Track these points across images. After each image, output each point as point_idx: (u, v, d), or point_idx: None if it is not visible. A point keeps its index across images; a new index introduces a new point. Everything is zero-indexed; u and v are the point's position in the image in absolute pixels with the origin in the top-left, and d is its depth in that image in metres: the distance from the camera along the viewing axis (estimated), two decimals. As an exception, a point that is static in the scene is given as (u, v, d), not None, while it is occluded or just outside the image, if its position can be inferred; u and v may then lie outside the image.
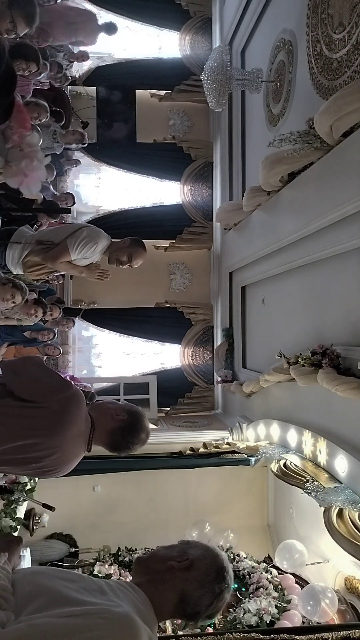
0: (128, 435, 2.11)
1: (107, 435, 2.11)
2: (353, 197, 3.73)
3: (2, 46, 2.40)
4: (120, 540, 6.46)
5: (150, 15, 8.52)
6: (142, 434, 2.13)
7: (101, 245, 3.64)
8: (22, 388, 2.01)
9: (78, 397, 2.06)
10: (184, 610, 1.51)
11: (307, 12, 4.86)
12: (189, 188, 8.56)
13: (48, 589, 1.38)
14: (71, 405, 2.03)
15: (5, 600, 1.33)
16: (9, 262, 3.79)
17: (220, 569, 1.53)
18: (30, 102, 4.77)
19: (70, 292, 8.34)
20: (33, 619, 1.27)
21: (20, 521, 4.90)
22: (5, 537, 1.77)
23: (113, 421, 2.11)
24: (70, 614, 1.27)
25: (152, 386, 8.03)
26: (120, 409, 2.15)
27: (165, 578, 1.51)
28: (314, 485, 4.27)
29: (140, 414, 2.16)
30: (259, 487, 7.08)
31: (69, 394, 2.03)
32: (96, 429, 2.11)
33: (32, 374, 2.05)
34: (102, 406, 2.20)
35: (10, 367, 2.07)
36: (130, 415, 2.13)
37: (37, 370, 2.07)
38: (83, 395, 2.12)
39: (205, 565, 1.52)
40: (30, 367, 2.08)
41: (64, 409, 2.01)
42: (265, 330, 6.31)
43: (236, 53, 7.25)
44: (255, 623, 5.09)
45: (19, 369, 2.06)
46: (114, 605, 1.35)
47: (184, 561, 1.52)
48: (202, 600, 1.49)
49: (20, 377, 2.03)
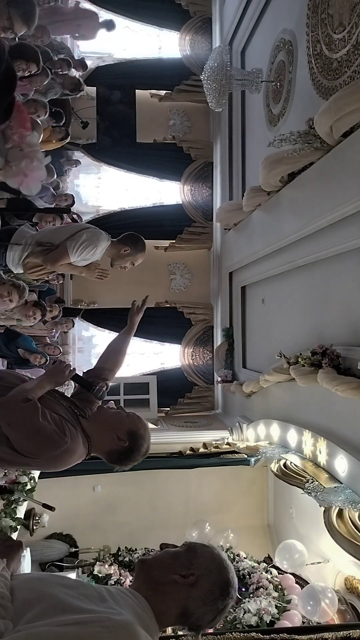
0: (124, 459, 2.14)
1: (104, 454, 2.16)
2: (353, 197, 3.73)
3: (2, 46, 2.40)
4: (120, 540, 6.46)
5: (150, 15, 8.53)
6: (138, 456, 2.14)
7: (101, 247, 3.62)
8: (15, 441, 1.99)
9: (70, 449, 2.04)
10: (186, 622, 1.48)
11: (307, 12, 4.86)
12: (189, 188, 8.56)
13: (47, 595, 1.34)
14: (63, 459, 2.05)
15: (4, 609, 1.30)
16: (9, 263, 3.79)
17: (225, 584, 1.48)
18: (29, 100, 4.78)
19: (70, 292, 8.34)
20: (32, 627, 1.23)
21: (20, 521, 4.88)
22: (5, 541, 1.73)
23: (113, 444, 2.11)
24: (70, 622, 1.24)
25: (152, 386, 8.04)
26: (124, 431, 2.11)
27: (167, 590, 1.47)
28: (314, 485, 4.27)
29: (142, 438, 2.12)
30: (259, 487, 7.09)
31: (60, 452, 2.02)
32: (93, 446, 2.14)
33: (24, 431, 1.99)
34: (106, 423, 2.16)
35: (5, 417, 2.00)
36: (132, 440, 2.10)
37: (30, 427, 1.99)
38: (78, 439, 2.08)
39: (210, 581, 1.47)
40: (23, 422, 1.99)
41: (54, 463, 2.07)
42: (265, 330, 6.31)
43: (236, 53, 7.25)
44: (255, 623, 5.09)
45: (13, 421, 1.99)
46: (114, 613, 1.31)
47: (189, 577, 1.46)
48: (204, 616, 1.46)
49: (14, 431, 1.99)
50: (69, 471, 2.19)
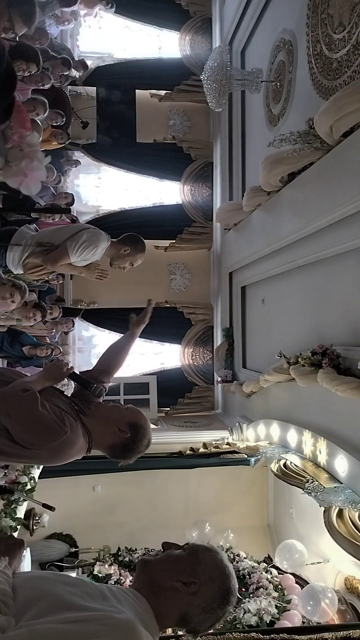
0: (128, 451, 2.12)
1: (107, 448, 2.14)
2: (353, 197, 3.73)
3: (2, 46, 2.40)
4: (120, 540, 6.46)
5: (150, 15, 8.53)
6: (142, 447, 2.13)
7: (101, 247, 3.62)
8: (14, 433, 1.98)
9: (70, 440, 2.03)
10: (185, 626, 1.49)
11: (307, 12, 4.86)
12: (189, 188, 8.56)
13: (49, 593, 1.35)
14: (63, 450, 2.03)
15: (6, 605, 1.30)
16: (10, 264, 3.79)
17: (226, 592, 1.48)
18: (28, 98, 4.78)
19: (70, 292, 8.34)
20: (34, 624, 1.24)
21: (20, 521, 4.88)
22: (6, 540, 1.73)
23: (115, 437, 2.10)
24: (71, 620, 1.25)
25: (152, 386, 8.04)
26: (125, 423, 2.10)
27: (168, 595, 1.47)
28: (314, 485, 4.28)
29: (143, 428, 2.12)
30: (259, 487, 7.09)
31: (60, 442, 1.99)
32: (94, 441, 2.12)
33: (24, 421, 1.98)
34: (105, 417, 2.15)
35: (4, 407, 1.99)
36: (133, 431, 2.10)
37: (29, 417, 1.98)
38: (78, 430, 2.07)
39: (212, 590, 1.46)
40: (23, 411, 1.98)
41: (55, 455, 2.04)
42: (265, 330, 6.31)
43: (236, 53, 7.25)
44: (255, 623, 5.09)
45: (13, 412, 1.98)
46: (116, 612, 1.32)
47: (191, 585, 1.46)
48: (204, 623, 1.47)
49: (14, 421, 1.97)
50: (69, 471, 2.20)
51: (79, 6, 6.88)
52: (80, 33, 8.55)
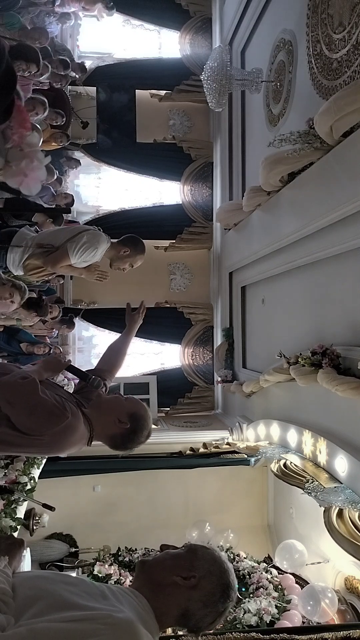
0: (128, 442, 2.13)
1: (107, 438, 2.14)
2: (353, 197, 3.73)
3: (2, 46, 2.40)
4: (120, 540, 6.46)
5: (151, 15, 8.53)
6: (142, 438, 2.13)
7: (101, 248, 3.63)
8: (16, 420, 1.98)
9: (72, 425, 2.03)
10: (186, 624, 1.49)
11: (307, 12, 4.86)
12: (189, 188, 8.56)
13: (49, 592, 1.35)
14: (65, 435, 2.03)
15: (5, 604, 1.31)
16: (10, 265, 3.80)
17: (226, 586, 1.48)
18: (27, 98, 4.77)
19: (70, 292, 8.34)
20: (33, 623, 1.24)
21: (20, 521, 4.88)
22: (6, 539, 1.73)
23: (115, 427, 2.11)
24: (71, 619, 1.25)
25: (152, 386, 8.04)
26: (125, 413, 2.11)
27: (168, 591, 1.47)
28: (314, 485, 4.28)
29: (143, 419, 2.13)
30: (259, 487, 7.09)
31: (62, 427, 2.00)
32: (95, 431, 2.12)
33: (25, 406, 1.98)
34: (105, 407, 2.16)
35: (5, 394, 2.00)
36: (134, 421, 2.10)
37: (30, 402, 1.99)
38: (79, 416, 2.08)
39: (211, 584, 1.47)
40: (23, 397, 1.99)
41: (57, 441, 2.03)
42: (265, 330, 6.31)
43: (236, 53, 7.25)
44: (255, 623, 5.09)
45: (13, 399, 1.98)
46: (116, 611, 1.32)
47: (190, 579, 1.47)
48: (205, 619, 1.47)
49: (14, 408, 1.98)
50: (69, 471, 2.20)
51: (79, 6, 6.89)
52: (80, 33, 8.55)
